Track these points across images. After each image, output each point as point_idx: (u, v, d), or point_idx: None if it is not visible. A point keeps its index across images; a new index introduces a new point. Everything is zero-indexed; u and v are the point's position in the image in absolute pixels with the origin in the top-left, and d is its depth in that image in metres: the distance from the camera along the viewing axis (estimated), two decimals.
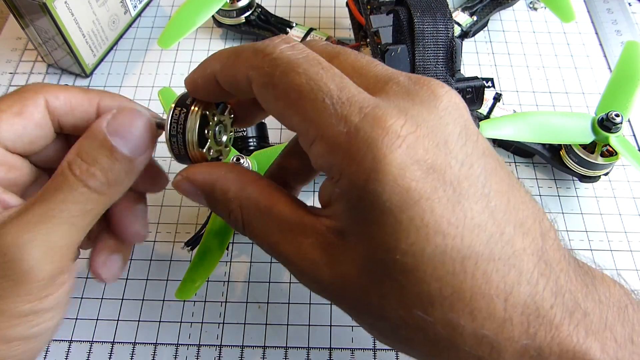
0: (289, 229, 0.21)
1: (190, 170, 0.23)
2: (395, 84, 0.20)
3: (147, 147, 0.23)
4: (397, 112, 0.18)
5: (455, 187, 0.18)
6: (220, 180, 0.23)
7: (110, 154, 0.22)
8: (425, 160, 0.18)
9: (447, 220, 0.18)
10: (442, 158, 0.18)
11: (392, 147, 0.18)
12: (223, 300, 0.35)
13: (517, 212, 0.19)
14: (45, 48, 0.44)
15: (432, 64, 0.29)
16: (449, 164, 0.18)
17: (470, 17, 0.45)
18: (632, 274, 0.36)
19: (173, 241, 0.38)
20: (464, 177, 0.18)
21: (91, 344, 0.34)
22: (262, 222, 0.22)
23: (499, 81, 0.46)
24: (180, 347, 0.34)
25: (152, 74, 0.47)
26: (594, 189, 0.40)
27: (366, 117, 0.18)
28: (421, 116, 0.19)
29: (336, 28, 0.49)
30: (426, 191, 0.18)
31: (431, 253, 0.18)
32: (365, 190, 0.18)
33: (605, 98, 0.38)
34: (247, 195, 0.22)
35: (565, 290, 0.19)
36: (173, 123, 0.23)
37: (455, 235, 0.18)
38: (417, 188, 0.18)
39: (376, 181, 0.18)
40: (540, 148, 0.39)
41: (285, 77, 0.19)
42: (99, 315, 0.35)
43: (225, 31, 0.49)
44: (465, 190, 0.18)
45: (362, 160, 0.18)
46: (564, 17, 0.43)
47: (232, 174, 0.23)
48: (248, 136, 0.38)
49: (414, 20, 0.28)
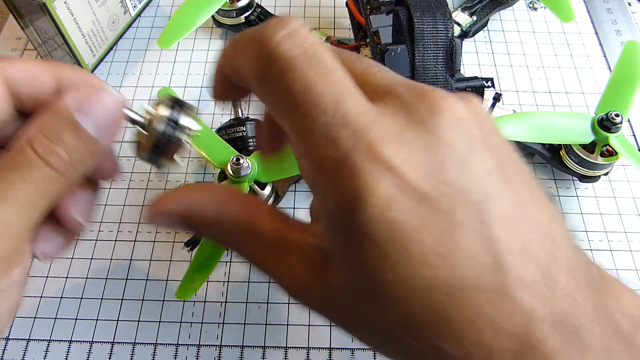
0: (274, 247, 0.21)
1: (160, 203, 0.22)
2: (395, 97, 0.19)
3: (115, 129, 0.22)
4: (392, 137, 0.18)
5: (448, 216, 0.17)
6: (195, 206, 0.21)
7: (76, 133, 0.20)
8: (417, 190, 0.17)
9: (437, 251, 0.17)
10: (435, 187, 0.17)
11: (380, 179, 0.17)
12: (223, 300, 0.35)
13: (523, 235, 0.18)
14: (45, 48, 0.44)
15: (432, 64, 0.29)
16: (442, 193, 0.17)
17: (470, 17, 0.45)
18: (632, 274, 0.36)
19: (173, 241, 0.38)
20: (458, 205, 0.17)
21: (91, 344, 0.34)
22: (245, 242, 0.21)
23: (499, 81, 0.46)
24: (180, 347, 0.34)
25: (151, 74, 0.47)
26: (594, 189, 0.40)
27: (358, 144, 0.17)
28: (418, 140, 0.18)
29: (336, 28, 0.49)
30: (415, 222, 0.17)
31: (418, 285, 0.17)
32: (350, 219, 0.17)
33: (605, 98, 0.38)
34: (226, 216, 0.21)
35: (567, 318, 0.18)
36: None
37: (444, 266, 0.17)
38: (404, 220, 0.17)
39: (361, 212, 0.17)
40: (540, 148, 0.39)
41: (279, 78, 0.18)
42: (99, 315, 0.35)
43: (225, 31, 0.49)
44: (459, 219, 0.17)
45: (348, 188, 0.17)
46: (564, 17, 0.43)
47: (206, 196, 0.22)
48: (248, 136, 0.38)
49: (413, 20, 0.28)
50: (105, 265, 0.37)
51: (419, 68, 0.29)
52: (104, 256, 0.37)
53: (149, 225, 0.38)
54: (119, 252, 0.37)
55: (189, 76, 0.46)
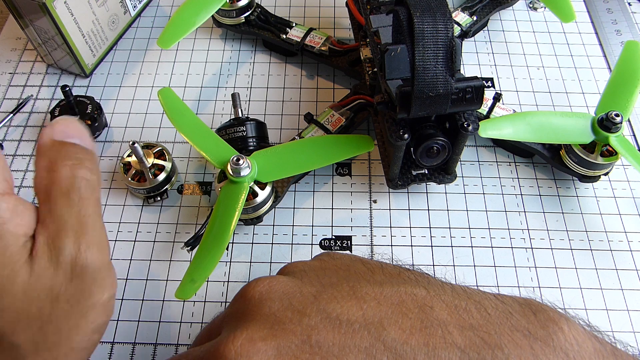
0: None
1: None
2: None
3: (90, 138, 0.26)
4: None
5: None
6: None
7: (86, 152, 0.25)
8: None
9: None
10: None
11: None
12: (223, 300, 0.35)
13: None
14: (45, 48, 0.44)
15: (432, 64, 0.29)
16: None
17: (470, 17, 0.45)
18: (632, 274, 0.36)
19: (173, 241, 0.38)
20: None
21: None
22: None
23: (499, 81, 0.46)
24: (180, 347, 0.34)
25: (151, 74, 0.47)
26: (594, 189, 0.40)
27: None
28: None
29: (336, 28, 0.49)
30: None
31: None
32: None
33: (605, 98, 0.38)
34: None
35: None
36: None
37: None
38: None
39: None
40: (540, 148, 0.39)
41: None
42: None
43: (224, 31, 0.49)
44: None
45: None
46: (564, 17, 0.43)
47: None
48: (248, 136, 0.38)
49: (413, 20, 0.28)
50: None
51: (419, 68, 0.29)
52: None
53: (149, 225, 0.38)
54: (119, 252, 0.37)
55: (189, 76, 0.46)
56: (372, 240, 0.38)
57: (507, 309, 0.22)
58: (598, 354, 0.20)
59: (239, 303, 0.24)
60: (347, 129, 0.40)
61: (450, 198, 0.39)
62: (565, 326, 0.21)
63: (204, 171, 0.41)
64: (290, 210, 0.39)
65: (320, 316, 0.21)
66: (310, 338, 0.21)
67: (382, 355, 0.20)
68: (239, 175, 0.33)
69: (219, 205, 0.33)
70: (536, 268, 0.36)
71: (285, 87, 0.45)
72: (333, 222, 0.38)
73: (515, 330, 0.20)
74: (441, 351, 0.20)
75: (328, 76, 0.46)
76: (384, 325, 0.21)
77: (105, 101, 0.45)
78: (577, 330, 0.21)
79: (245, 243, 0.38)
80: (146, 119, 0.44)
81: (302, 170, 0.36)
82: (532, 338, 0.20)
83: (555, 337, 0.20)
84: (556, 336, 0.20)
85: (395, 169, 0.36)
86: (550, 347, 0.20)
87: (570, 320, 0.21)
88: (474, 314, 0.21)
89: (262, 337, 0.21)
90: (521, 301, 0.22)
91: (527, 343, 0.20)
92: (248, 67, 0.47)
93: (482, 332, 0.20)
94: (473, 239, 0.38)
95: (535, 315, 0.21)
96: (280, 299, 0.22)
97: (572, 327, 0.21)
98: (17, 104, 0.45)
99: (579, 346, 0.20)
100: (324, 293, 0.22)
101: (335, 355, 0.20)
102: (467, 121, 0.32)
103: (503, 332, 0.20)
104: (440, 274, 0.36)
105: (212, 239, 0.32)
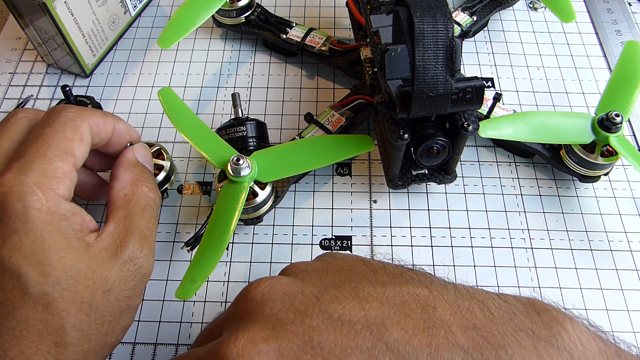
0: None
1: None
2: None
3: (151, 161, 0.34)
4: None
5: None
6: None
7: (151, 175, 0.33)
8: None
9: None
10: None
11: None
12: (223, 300, 0.35)
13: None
14: (45, 48, 0.44)
15: (432, 64, 0.29)
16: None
17: (470, 17, 0.45)
18: (632, 274, 0.36)
19: (173, 241, 0.38)
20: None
21: None
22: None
23: (499, 81, 0.46)
24: (180, 347, 0.34)
25: (151, 73, 0.47)
26: (594, 189, 0.40)
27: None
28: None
29: (336, 28, 0.49)
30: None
31: None
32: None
33: (605, 98, 0.38)
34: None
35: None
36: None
37: None
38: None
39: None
40: (540, 148, 0.39)
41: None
42: None
43: (225, 31, 0.49)
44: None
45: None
46: (564, 17, 0.43)
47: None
48: (248, 136, 0.38)
49: (414, 20, 0.28)
50: None
51: (419, 68, 0.29)
52: None
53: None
54: None
55: (189, 76, 0.46)
56: (372, 241, 0.38)
57: (511, 309, 0.21)
58: (602, 354, 0.20)
59: (240, 304, 0.24)
60: (347, 129, 0.40)
61: (450, 198, 0.39)
62: (570, 326, 0.21)
63: (204, 171, 0.41)
64: (290, 210, 0.39)
65: (322, 317, 0.21)
66: (312, 339, 0.21)
67: (384, 356, 0.20)
68: (239, 175, 0.33)
69: (219, 205, 0.33)
70: (536, 268, 0.36)
71: (286, 87, 0.45)
72: (333, 222, 0.38)
73: (518, 330, 0.20)
74: (444, 352, 0.20)
75: (328, 76, 0.46)
76: (386, 325, 0.21)
77: (105, 101, 0.45)
78: (581, 330, 0.21)
79: (245, 243, 0.38)
80: (146, 119, 0.44)
81: (302, 170, 0.36)
82: (536, 338, 0.20)
83: (559, 337, 0.20)
84: (560, 336, 0.20)
85: (395, 169, 0.36)
86: (554, 347, 0.20)
87: (575, 320, 0.21)
88: (477, 314, 0.21)
89: (264, 338, 0.21)
90: (525, 301, 0.22)
91: (531, 343, 0.20)
92: (248, 67, 0.47)
93: (485, 332, 0.20)
94: (473, 239, 0.38)
95: (539, 315, 0.21)
96: (282, 299, 0.22)
97: (576, 327, 0.21)
98: (17, 103, 0.45)
99: (583, 346, 0.20)
100: (326, 294, 0.22)
101: (337, 356, 0.20)
102: (467, 121, 0.32)
103: (506, 332, 0.20)
104: (441, 274, 0.36)
105: (212, 239, 0.32)
